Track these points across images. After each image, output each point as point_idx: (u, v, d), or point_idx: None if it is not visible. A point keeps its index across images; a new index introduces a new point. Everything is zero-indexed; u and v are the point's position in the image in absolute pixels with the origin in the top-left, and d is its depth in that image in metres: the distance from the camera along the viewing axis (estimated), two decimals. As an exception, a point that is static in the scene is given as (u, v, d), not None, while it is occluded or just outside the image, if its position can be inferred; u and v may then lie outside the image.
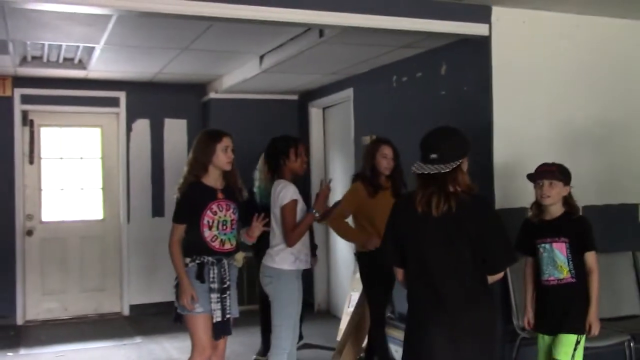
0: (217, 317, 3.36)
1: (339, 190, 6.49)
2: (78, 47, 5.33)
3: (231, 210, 3.48)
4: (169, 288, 6.56)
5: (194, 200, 3.40)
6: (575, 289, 3.36)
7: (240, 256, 3.53)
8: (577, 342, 3.33)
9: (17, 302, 6.38)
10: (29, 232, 6.49)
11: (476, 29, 4.17)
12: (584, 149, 4.43)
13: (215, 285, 3.36)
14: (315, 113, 6.88)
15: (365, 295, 4.38)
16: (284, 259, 3.70)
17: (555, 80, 4.38)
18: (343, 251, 6.36)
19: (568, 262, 3.34)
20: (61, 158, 6.73)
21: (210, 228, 3.39)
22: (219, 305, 3.36)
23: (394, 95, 5.33)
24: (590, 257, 3.39)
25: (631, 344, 3.93)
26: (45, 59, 5.75)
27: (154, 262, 6.55)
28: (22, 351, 5.53)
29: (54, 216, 6.64)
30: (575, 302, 3.37)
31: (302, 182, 4.20)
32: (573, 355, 3.32)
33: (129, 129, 6.83)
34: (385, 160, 4.21)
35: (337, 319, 5.65)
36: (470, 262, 2.54)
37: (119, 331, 6.04)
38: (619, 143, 4.59)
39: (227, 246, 3.45)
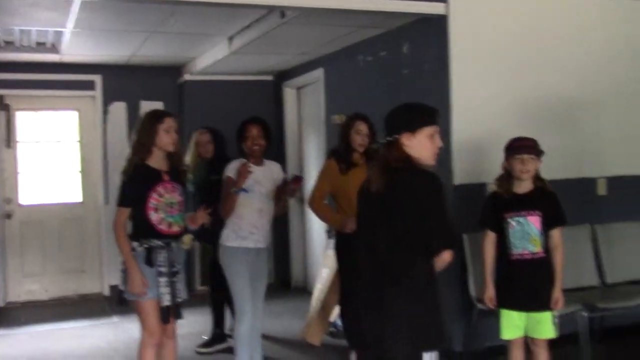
0: (166, 301, 3.33)
1: (313, 170, 6.60)
2: (48, 31, 5.38)
3: (177, 192, 3.44)
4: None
5: (139, 183, 3.34)
6: (546, 264, 3.38)
7: (187, 238, 3.53)
8: (554, 317, 3.39)
9: (-3, 285, 6.48)
10: (8, 216, 6.58)
11: (433, 7, 4.24)
12: (542, 124, 4.51)
13: (164, 269, 3.32)
14: (289, 93, 6.94)
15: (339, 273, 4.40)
16: (226, 236, 3.91)
17: (512, 56, 4.46)
18: (318, 229, 6.46)
19: (540, 236, 3.34)
20: (38, 142, 6.79)
21: (156, 211, 3.33)
22: (168, 290, 3.33)
23: (361, 74, 5.40)
24: (559, 232, 3.41)
25: (584, 313, 4.06)
26: (18, 44, 5.78)
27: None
28: (1, 332, 5.64)
29: (33, 199, 6.72)
30: (547, 278, 3.39)
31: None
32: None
33: (105, 112, 6.88)
34: (359, 136, 4.13)
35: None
36: (402, 242, 2.43)
37: (97, 311, 6.15)
38: (578, 117, 4.69)
39: (175, 229, 3.40)
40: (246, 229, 3.87)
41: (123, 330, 5.38)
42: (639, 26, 4.89)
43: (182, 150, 3.61)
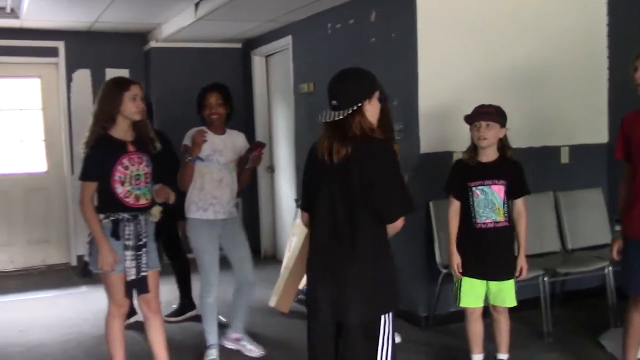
0: (131, 275, 3.26)
1: (282, 138, 6.59)
2: (7, -5, 5.23)
3: (144, 164, 3.30)
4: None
5: (102, 155, 3.19)
6: (509, 233, 3.39)
7: (156, 210, 3.40)
8: (515, 285, 3.42)
9: (-39, 255, 6.39)
10: (-28, 185, 6.45)
11: (401, -25, 4.21)
12: (507, 92, 4.53)
13: (130, 243, 3.24)
14: (257, 61, 6.87)
15: None
16: (187, 207, 3.88)
17: (479, 25, 4.47)
18: (287, 198, 6.47)
19: (504, 205, 3.34)
20: (0, 110, 6.63)
21: (122, 184, 3.22)
22: (133, 263, 3.25)
23: (330, 42, 5.36)
24: (522, 201, 3.41)
25: (545, 278, 4.17)
26: (-25, 9, 5.63)
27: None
28: (-34, 302, 5.58)
29: (-4, 168, 6.60)
30: (510, 247, 3.41)
31: (245, 131, 4.20)
32: None
33: (69, 79, 6.74)
34: None
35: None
36: (359, 210, 2.42)
37: (65, 282, 6.11)
38: (541, 87, 4.74)
39: (142, 201, 3.29)
40: (206, 200, 3.81)
41: (91, 300, 5.35)
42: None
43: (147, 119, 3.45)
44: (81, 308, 5.25)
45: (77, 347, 4.28)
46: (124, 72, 6.88)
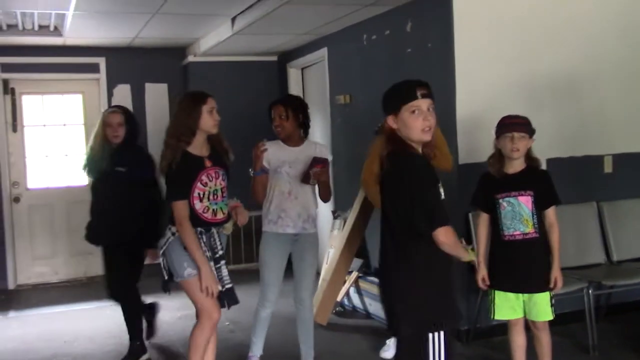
0: (221, 286, 3.23)
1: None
2: (50, 14, 5.37)
3: (220, 178, 3.28)
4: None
5: (183, 173, 3.16)
6: (540, 244, 3.31)
7: (229, 224, 3.36)
8: (551, 298, 3.33)
9: (7, 267, 6.55)
10: (16, 199, 6.62)
11: (437, -16, 4.19)
12: (547, 101, 4.48)
13: (207, 254, 3.19)
14: (293, 73, 6.91)
15: None
16: (262, 220, 3.84)
17: (517, 33, 4.41)
18: (324, 210, 6.46)
19: (533, 216, 3.27)
20: (44, 125, 6.81)
21: (201, 200, 3.19)
22: (214, 274, 3.21)
23: (365, 53, 5.36)
24: (553, 211, 3.34)
25: (590, 291, 4.06)
26: (20, 27, 5.78)
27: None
28: (12, 313, 5.72)
29: (40, 183, 6.76)
30: (542, 258, 3.33)
31: None
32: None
33: (110, 94, 6.88)
34: None
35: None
36: (393, 226, 2.46)
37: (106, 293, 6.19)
38: (583, 95, 4.65)
39: (220, 216, 3.27)
40: (275, 212, 3.75)
41: (119, 315, 5.41)
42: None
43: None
44: (121, 320, 5.30)
45: (118, 358, 4.32)
46: (163, 87, 7.05)
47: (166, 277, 3.26)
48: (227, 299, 3.27)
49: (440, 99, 4.37)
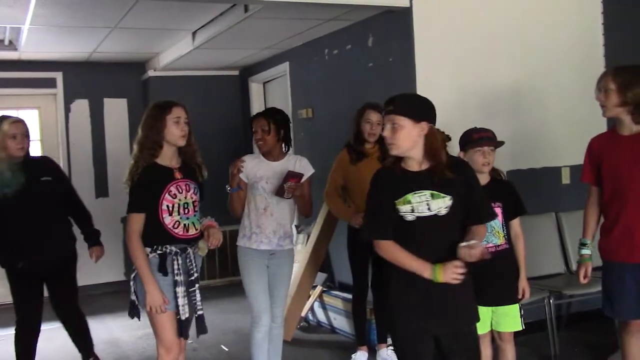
0: (185, 313, 2.98)
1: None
2: (5, 28, 5.25)
3: (191, 191, 3.08)
4: (115, 268, 6.70)
5: (150, 184, 2.97)
6: (510, 256, 3.28)
7: (203, 244, 3.14)
8: (520, 309, 3.30)
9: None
10: (-31, 218, 6.40)
11: (397, 0, 4.23)
12: (505, 114, 4.56)
13: (180, 278, 2.97)
14: (255, 88, 6.90)
15: (352, 268, 4.32)
16: (238, 234, 3.73)
17: (474, 47, 4.50)
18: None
19: (503, 228, 3.23)
20: (-2, 142, 6.62)
21: (170, 213, 2.98)
22: (186, 300, 2.98)
23: (327, 68, 5.38)
24: (519, 222, 3.32)
25: (550, 300, 4.12)
26: (-27, 42, 5.65)
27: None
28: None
29: (-6, 201, 6.56)
30: (513, 269, 3.29)
31: None
32: None
33: (67, 110, 6.76)
34: (368, 125, 4.04)
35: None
36: None
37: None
38: (539, 107, 4.75)
39: (192, 231, 3.06)
40: (249, 228, 3.64)
41: (92, 331, 5.27)
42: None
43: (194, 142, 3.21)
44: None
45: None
46: (123, 102, 6.96)
47: (136, 302, 3.05)
48: (197, 327, 3.07)
49: (401, 113, 4.45)
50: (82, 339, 4.06)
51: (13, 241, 3.68)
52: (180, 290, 2.97)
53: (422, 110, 2.59)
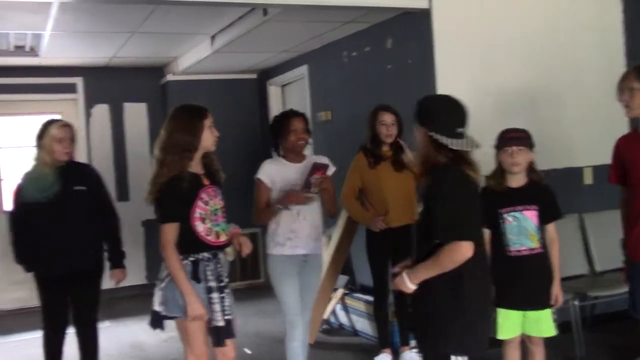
0: (219, 321, 2.92)
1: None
2: (26, 34, 5.31)
3: (219, 197, 3.03)
4: (137, 271, 6.75)
5: (183, 192, 2.87)
6: (544, 260, 3.24)
7: (230, 249, 3.10)
8: (553, 313, 3.27)
9: (-16, 293, 6.41)
10: (-8, 223, 6.48)
11: (416, 2, 4.22)
12: (528, 114, 4.52)
13: (213, 284, 2.92)
14: (274, 91, 6.91)
15: (372, 270, 4.31)
16: (268, 243, 3.64)
17: (495, 47, 4.48)
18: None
19: (538, 231, 3.20)
20: (21, 147, 6.69)
21: (203, 221, 2.92)
22: (219, 307, 2.93)
23: (346, 70, 5.38)
24: (554, 226, 3.28)
25: (575, 302, 4.08)
26: (-4, 48, 5.72)
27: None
28: (-10, 340, 5.58)
29: (17, 206, 6.63)
30: (547, 274, 3.26)
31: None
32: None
33: (88, 115, 6.82)
34: (384, 127, 4.01)
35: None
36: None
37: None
38: (561, 107, 4.70)
39: (222, 238, 3.01)
40: (283, 234, 3.55)
41: (115, 335, 5.34)
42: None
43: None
44: (105, 344, 5.12)
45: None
46: (142, 106, 7.01)
47: (162, 312, 2.96)
48: (224, 332, 2.99)
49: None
50: (89, 355, 3.92)
51: (40, 248, 3.64)
52: (215, 296, 2.93)
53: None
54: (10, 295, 6.56)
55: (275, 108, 6.87)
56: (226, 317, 2.98)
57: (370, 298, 4.70)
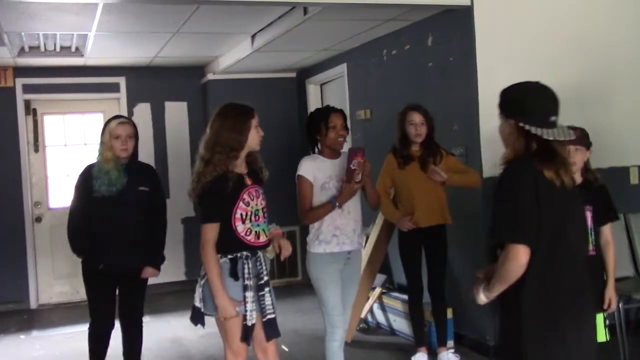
0: (251, 319, 2.91)
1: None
2: (72, 35, 5.43)
3: (260, 197, 3.00)
4: (177, 268, 6.83)
5: (226, 193, 2.87)
6: (598, 263, 3.12)
7: (271, 249, 3.08)
8: (605, 319, 3.15)
9: (29, 287, 6.59)
10: (38, 219, 6.66)
11: (458, -1, 4.18)
12: (572, 112, 4.39)
13: (250, 282, 2.90)
14: (312, 89, 6.92)
15: (404, 270, 4.30)
16: (311, 241, 3.56)
17: (538, 44, 4.40)
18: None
19: (591, 233, 3.07)
20: (65, 145, 6.86)
21: (243, 221, 2.91)
22: (254, 306, 2.91)
23: (385, 68, 5.35)
24: (610, 228, 3.15)
25: (620, 305, 3.98)
26: (42, 49, 5.85)
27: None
28: (35, 333, 5.74)
29: (62, 202, 6.79)
30: (599, 278, 3.13)
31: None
32: None
33: (130, 114, 6.92)
34: (413, 127, 4.00)
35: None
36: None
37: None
38: (608, 105, 4.60)
39: (262, 238, 2.98)
40: (328, 231, 3.47)
41: (154, 330, 5.40)
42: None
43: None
44: (145, 339, 5.29)
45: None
46: (183, 105, 7.10)
47: (202, 309, 2.97)
48: (267, 330, 2.98)
49: (463, 113, 4.40)
50: (132, 350, 3.96)
51: (99, 241, 3.66)
52: (250, 295, 2.90)
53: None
54: (55, 289, 6.73)
55: (314, 106, 6.82)
56: (268, 317, 2.96)
57: (407, 297, 4.67)
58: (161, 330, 5.49)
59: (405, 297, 4.81)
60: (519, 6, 4.34)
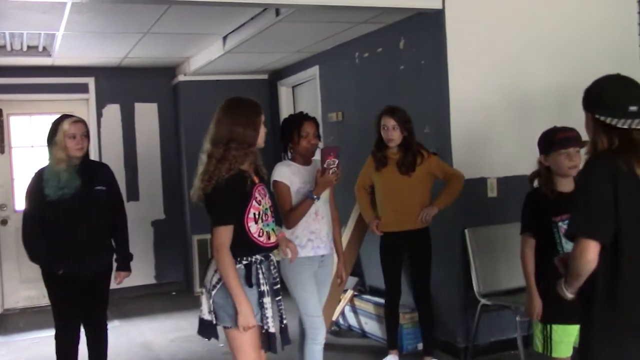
0: (271, 327, 2.73)
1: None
2: (39, 34, 5.33)
3: (267, 196, 2.88)
4: (146, 271, 6.75)
5: (240, 192, 2.73)
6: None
7: (278, 251, 3.02)
8: None
9: (-5, 291, 6.44)
10: (4, 222, 6.52)
11: (429, 2, 4.21)
12: (539, 115, 4.48)
13: (266, 288, 2.74)
14: (284, 92, 6.91)
15: (383, 274, 4.29)
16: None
17: (508, 48, 4.45)
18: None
19: None
20: (32, 146, 6.73)
21: (256, 221, 2.76)
22: (271, 312, 2.74)
23: (358, 71, 5.36)
24: None
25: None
26: (8, 48, 5.73)
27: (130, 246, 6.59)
28: (0, 338, 5.60)
29: (28, 205, 6.66)
30: None
31: (273, 162, 3.64)
32: None
33: (99, 115, 6.83)
34: (385, 131, 4.02)
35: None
36: None
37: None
38: (576, 107, 4.65)
39: (273, 239, 2.85)
40: (303, 236, 3.48)
41: (124, 334, 5.34)
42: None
43: None
44: (114, 342, 5.10)
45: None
46: (153, 106, 7.03)
47: (214, 321, 2.77)
48: (283, 337, 2.84)
49: (434, 116, 4.43)
50: (99, 355, 3.85)
51: (56, 245, 3.55)
52: (267, 301, 2.75)
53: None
54: (21, 293, 6.59)
55: (285, 108, 6.87)
56: (285, 322, 2.87)
57: (379, 300, 4.68)
58: (131, 335, 5.42)
59: (377, 299, 4.82)
60: (489, 10, 4.39)
